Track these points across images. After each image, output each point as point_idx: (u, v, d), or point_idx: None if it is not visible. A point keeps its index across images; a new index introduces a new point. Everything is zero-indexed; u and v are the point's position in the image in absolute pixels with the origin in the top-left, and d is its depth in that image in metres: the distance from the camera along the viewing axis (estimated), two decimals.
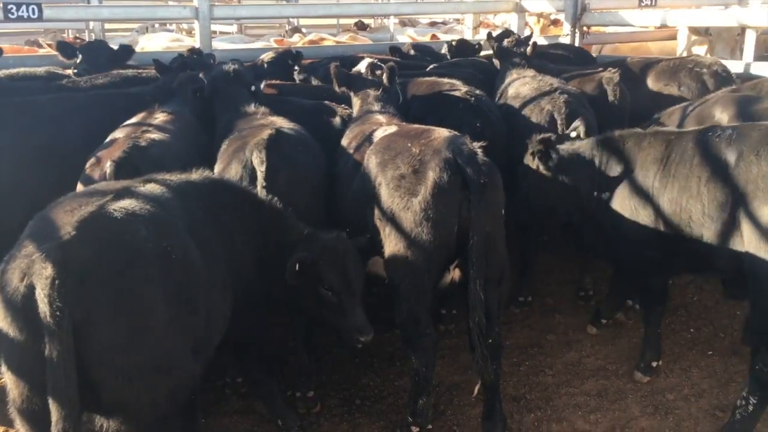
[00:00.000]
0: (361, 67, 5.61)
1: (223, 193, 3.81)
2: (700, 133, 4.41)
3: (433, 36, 9.73)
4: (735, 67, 7.41)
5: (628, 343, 5.36)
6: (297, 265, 3.71)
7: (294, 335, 4.60)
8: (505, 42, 7.07)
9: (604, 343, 5.39)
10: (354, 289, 3.93)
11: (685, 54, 9.21)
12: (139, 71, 6.78)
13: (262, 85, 5.73)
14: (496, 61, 7.13)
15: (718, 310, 5.84)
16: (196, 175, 3.74)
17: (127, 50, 7.37)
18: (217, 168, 4.48)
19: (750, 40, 7.73)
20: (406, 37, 12.26)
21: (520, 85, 6.13)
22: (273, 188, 4.11)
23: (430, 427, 4.26)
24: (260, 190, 4.10)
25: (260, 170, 4.14)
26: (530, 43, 6.94)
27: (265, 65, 7.10)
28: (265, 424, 4.43)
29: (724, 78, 6.55)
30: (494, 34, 8.25)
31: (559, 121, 5.46)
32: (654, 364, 4.89)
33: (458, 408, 4.62)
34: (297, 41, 10.78)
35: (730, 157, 4.12)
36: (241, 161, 4.30)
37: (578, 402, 4.66)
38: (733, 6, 11.05)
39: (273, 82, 6.46)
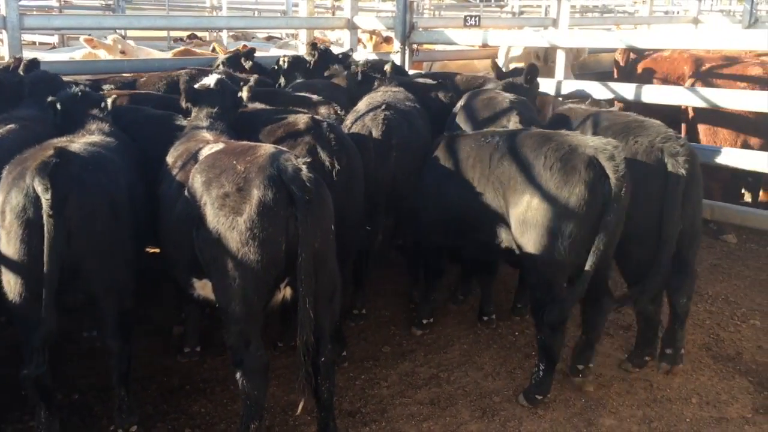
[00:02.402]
0: (210, 82, 5.32)
1: None
2: (480, 137, 5.20)
3: (244, 46, 9.52)
4: (548, 85, 7.98)
5: (459, 350, 5.55)
6: None
7: (112, 367, 4.29)
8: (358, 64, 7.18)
9: (436, 351, 5.53)
10: None
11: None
12: None
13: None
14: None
15: None
16: None
17: None
18: None
19: (560, 60, 8.36)
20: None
21: (363, 100, 6.18)
22: (61, 217, 3.76)
23: None
24: (47, 221, 3.70)
25: (45, 198, 3.69)
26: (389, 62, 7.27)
27: (222, 66, 7.19)
28: None
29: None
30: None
31: (374, 135, 5.50)
32: (425, 321, 5.84)
33: (293, 428, 4.54)
34: (110, 43, 10.25)
35: (494, 158, 4.89)
36: (22, 189, 3.79)
37: (412, 411, 4.74)
38: (550, 28, 11.93)
39: (122, 91, 6.22)
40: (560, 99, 8.25)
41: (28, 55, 7.35)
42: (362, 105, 6.04)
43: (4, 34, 7.50)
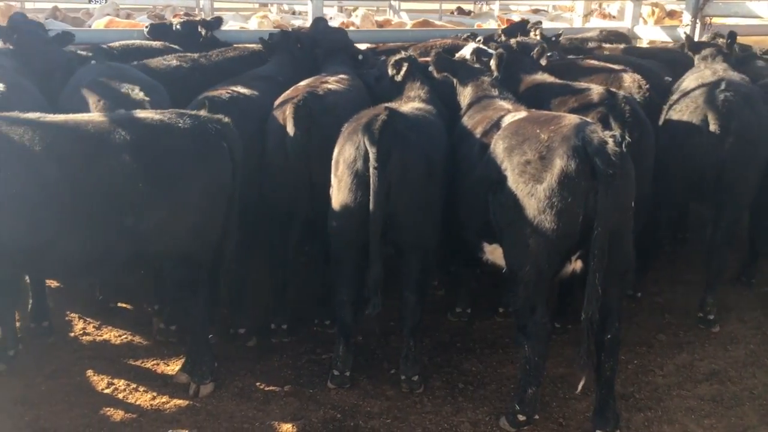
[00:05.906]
0: (466, 52, 5.51)
1: None
2: None
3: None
4: None
5: (744, 350, 5.15)
6: None
7: (405, 318, 4.58)
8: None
9: (718, 346, 5.17)
10: None
11: None
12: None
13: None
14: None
15: None
16: None
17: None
18: (336, 151, 4.42)
19: None
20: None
21: (690, 77, 5.80)
22: (385, 170, 4.09)
23: (536, 417, 4.22)
24: (372, 173, 4.08)
25: (372, 151, 4.08)
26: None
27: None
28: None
29: None
30: (605, 24, 8.04)
31: (711, 122, 5.08)
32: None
33: (564, 401, 4.54)
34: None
35: None
36: (354, 143, 4.23)
37: (691, 405, 4.50)
38: None
39: None
40: None
41: None
42: (689, 81, 5.68)
43: (309, 3, 8.30)
